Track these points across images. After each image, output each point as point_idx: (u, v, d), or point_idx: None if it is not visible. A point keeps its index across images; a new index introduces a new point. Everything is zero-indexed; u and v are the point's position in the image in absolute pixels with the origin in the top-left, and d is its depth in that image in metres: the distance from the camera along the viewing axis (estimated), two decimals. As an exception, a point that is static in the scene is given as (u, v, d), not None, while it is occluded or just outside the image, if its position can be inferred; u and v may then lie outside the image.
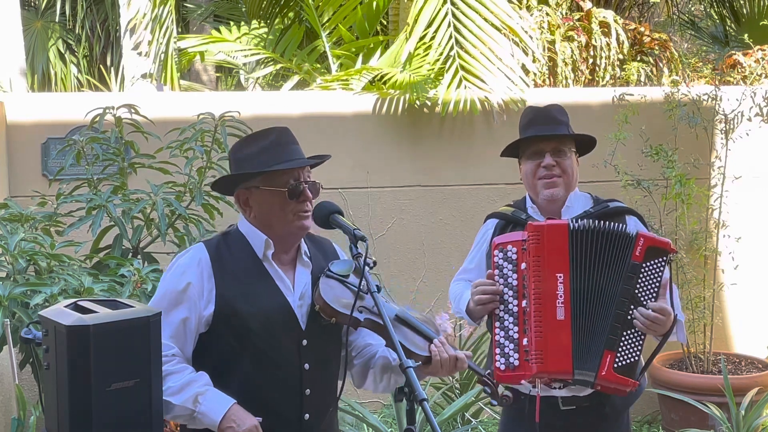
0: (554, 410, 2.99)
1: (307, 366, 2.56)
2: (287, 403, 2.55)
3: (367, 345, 2.72)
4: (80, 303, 2.46)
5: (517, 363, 2.84)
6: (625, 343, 2.83)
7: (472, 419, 5.08)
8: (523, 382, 2.87)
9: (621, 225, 2.89)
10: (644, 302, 2.82)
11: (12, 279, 3.70)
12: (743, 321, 6.06)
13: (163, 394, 2.42)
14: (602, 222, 2.87)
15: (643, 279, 2.83)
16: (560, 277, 2.83)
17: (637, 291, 2.83)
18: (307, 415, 2.57)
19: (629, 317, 2.82)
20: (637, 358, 2.84)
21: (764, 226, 5.99)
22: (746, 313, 6.04)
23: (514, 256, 2.89)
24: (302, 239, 2.67)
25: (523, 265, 2.87)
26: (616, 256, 2.85)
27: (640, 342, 2.84)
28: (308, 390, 2.56)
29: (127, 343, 2.32)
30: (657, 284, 2.83)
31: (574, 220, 2.89)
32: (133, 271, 3.72)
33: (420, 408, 2.17)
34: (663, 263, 2.83)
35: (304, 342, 2.57)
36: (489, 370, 2.83)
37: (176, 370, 2.50)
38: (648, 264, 2.83)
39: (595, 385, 2.85)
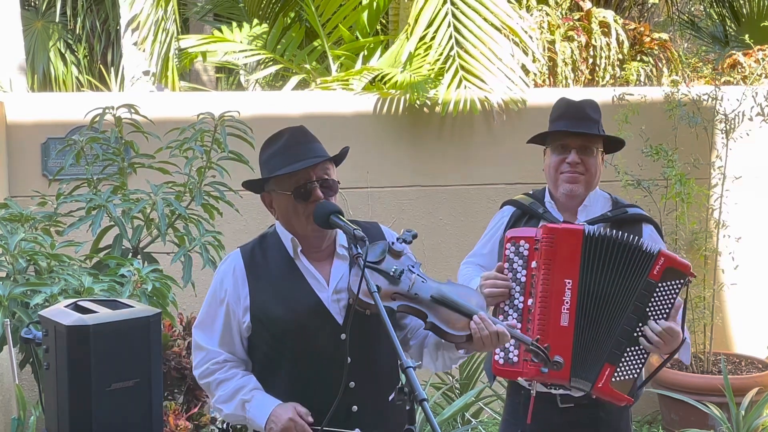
0: (553, 407, 3.00)
1: (349, 359, 2.51)
2: (332, 398, 2.50)
3: (421, 325, 2.67)
4: (80, 303, 2.46)
5: (516, 360, 2.84)
6: (628, 358, 2.80)
7: (472, 419, 5.07)
8: (520, 378, 2.87)
9: (640, 238, 2.83)
10: (654, 321, 2.78)
11: (12, 279, 3.69)
12: (743, 321, 6.06)
13: (216, 402, 2.62)
14: (621, 233, 2.82)
15: (657, 298, 2.78)
16: (569, 282, 2.81)
17: (648, 309, 2.78)
18: (355, 407, 2.56)
19: (636, 334, 2.78)
20: (636, 374, 2.81)
21: (764, 226, 5.99)
22: (746, 313, 6.04)
23: (526, 252, 2.86)
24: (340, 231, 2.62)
25: (534, 264, 2.84)
26: (632, 270, 2.80)
27: (643, 360, 2.81)
28: (353, 383, 2.54)
29: (127, 343, 2.32)
30: (670, 305, 2.78)
31: (590, 226, 2.85)
32: (133, 271, 3.71)
33: (420, 408, 2.16)
34: (679, 285, 2.78)
35: (343, 336, 2.54)
36: (538, 337, 2.78)
37: (227, 378, 2.63)
38: (664, 284, 2.78)
39: (590, 393, 2.85)
